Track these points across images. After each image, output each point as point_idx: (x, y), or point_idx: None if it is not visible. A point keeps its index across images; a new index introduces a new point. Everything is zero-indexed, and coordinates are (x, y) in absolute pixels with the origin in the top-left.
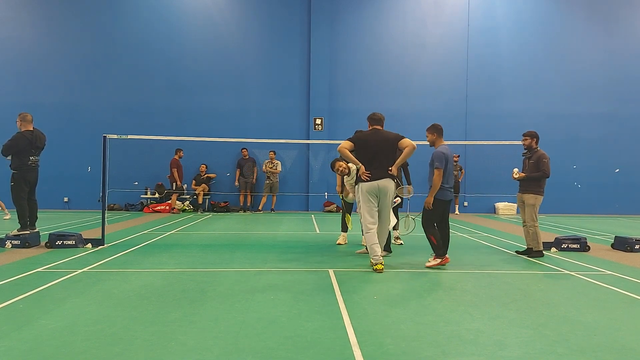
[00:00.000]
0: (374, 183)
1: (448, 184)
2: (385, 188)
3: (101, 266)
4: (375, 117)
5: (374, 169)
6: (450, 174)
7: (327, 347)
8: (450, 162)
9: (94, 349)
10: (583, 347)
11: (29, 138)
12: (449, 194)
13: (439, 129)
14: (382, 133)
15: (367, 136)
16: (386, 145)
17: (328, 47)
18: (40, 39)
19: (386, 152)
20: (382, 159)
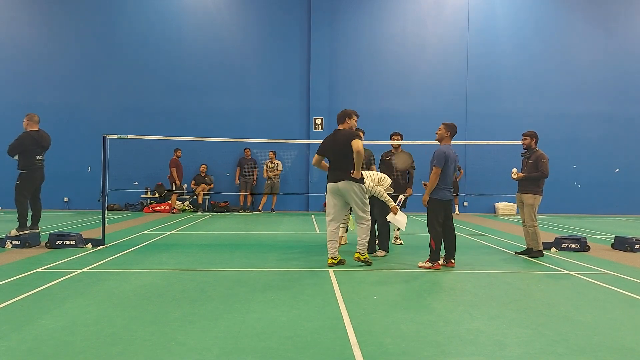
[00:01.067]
0: (335, 184)
1: (446, 184)
2: (345, 190)
3: (101, 266)
4: (338, 116)
5: (333, 170)
6: (449, 174)
7: (327, 347)
8: (451, 162)
9: (94, 349)
10: (583, 347)
11: (35, 137)
12: (447, 194)
13: (454, 129)
14: (339, 134)
15: (327, 139)
16: (341, 146)
17: (328, 47)
18: (40, 39)
19: (343, 152)
20: (341, 159)
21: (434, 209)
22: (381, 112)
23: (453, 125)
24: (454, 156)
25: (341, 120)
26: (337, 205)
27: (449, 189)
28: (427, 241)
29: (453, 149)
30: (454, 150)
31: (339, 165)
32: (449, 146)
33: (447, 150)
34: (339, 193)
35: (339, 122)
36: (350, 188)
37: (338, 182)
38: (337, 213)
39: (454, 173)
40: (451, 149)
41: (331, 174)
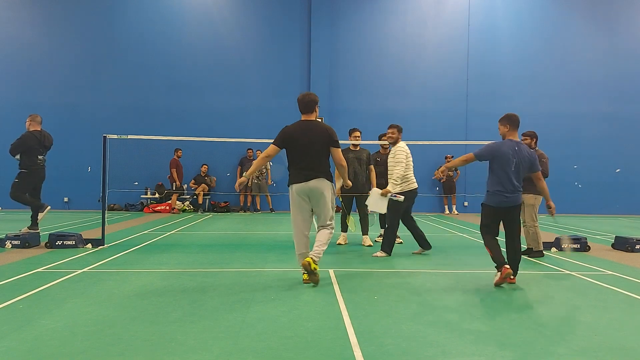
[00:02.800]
0: (304, 184)
1: (499, 187)
2: (317, 189)
3: (101, 266)
4: (304, 102)
5: (300, 169)
6: (504, 175)
7: (328, 348)
8: (506, 161)
9: (94, 349)
10: (583, 347)
11: (37, 137)
12: (501, 199)
13: (513, 120)
14: (313, 127)
15: (292, 130)
16: (315, 143)
17: (328, 46)
18: (40, 39)
19: (317, 150)
20: (312, 156)
21: (483, 215)
22: (382, 111)
23: (510, 116)
24: (515, 154)
25: (309, 108)
26: (304, 210)
27: (504, 194)
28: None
29: (522, 146)
30: (520, 148)
31: (310, 164)
32: (509, 142)
33: (499, 146)
34: (308, 194)
35: (306, 109)
36: (324, 188)
37: (309, 180)
38: (306, 221)
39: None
40: (514, 145)
41: (297, 173)
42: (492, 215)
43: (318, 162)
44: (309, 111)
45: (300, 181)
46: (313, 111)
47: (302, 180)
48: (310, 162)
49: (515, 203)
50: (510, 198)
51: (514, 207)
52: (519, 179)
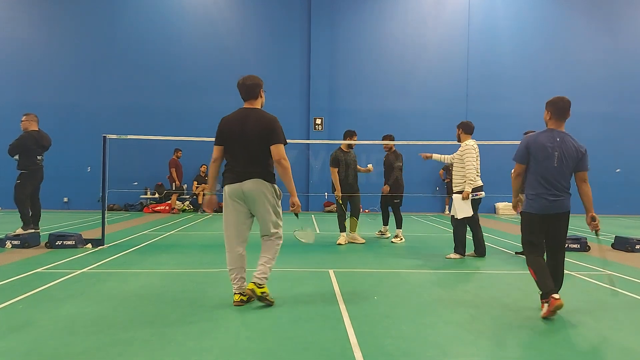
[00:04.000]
0: (237, 186)
1: (539, 189)
2: (252, 192)
3: (101, 266)
4: (245, 85)
5: (237, 166)
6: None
7: (327, 348)
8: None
9: (93, 350)
10: (583, 348)
11: (36, 137)
12: (543, 203)
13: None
14: (252, 114)
15: (227, 121)
16: (254, 132)
17: (328, 46)
18: (40, 39)
19: (254, 140)
20: (249, 150)
21: (523, 226)
22: (382, 111)
23: (555, 101)
24: (556, 146)
25: (252, 93)
26: (240, 215)
27: (546, 197)
28: (425, 241)
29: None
30: (563, 139)
31: (245, 161)
32: (549, 132)
33: (534, 137)
34: (242, 198)
35: (247, 94)
36: (261, 190)
37: (243, 181)
38: (241, 230)
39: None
40: (554, 135)
41: (230, 172)
42: (534, 225)
43: (254, 158)
44: (251, 97)
45: (233, 182)
46: (257, 97)
47: (235, 180)
48: (246, 158)
49: (561, 209)
50: (556, 203)
51: (560, 214)
52: (565, 177)
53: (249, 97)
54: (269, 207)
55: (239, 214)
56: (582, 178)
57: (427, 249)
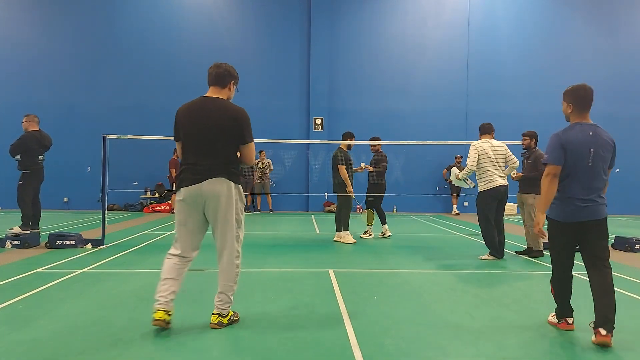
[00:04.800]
0: (196, 187)
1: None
2: (215, 193)
3: (101, 266)
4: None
5: (195, 164)
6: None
7: (327, 348)
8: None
9: (93, 350)
10: (583, 348)
11: (37, 137)
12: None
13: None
14: (216, 104)
15: (184, 111)
16: (218, 125)
17: (328, 46)
18: (40, 39)
19: (217, 133)
20: (210, 144)
21: (550, 237)
22: (382, 111)
23: (576, 90)
24: (591, 142)
25: (221, 80)
26: (193, 221)
27: (578, 202)
28: (423, 241)
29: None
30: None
31: (206, 156)
32: (579, 126)
33: (566, 134)
34: (201, 202)
35: (216, 81)
36: (225, 192)
37: (202, 181)
38: (190, 235)
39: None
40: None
41: (186, 172)
42: (563, 234)
43: (218, 155)
44: (219, 84)
45: (191, 183)
46: (224, 87)
47: (193, 182)
48: (207, 154)
49: (596, 215)
50: (589, 208)
51: (595, 222)
52: (600, 177)
53: (217, 83)
54: (232, 212)
55: (193, 220)
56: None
57: (427, 249)
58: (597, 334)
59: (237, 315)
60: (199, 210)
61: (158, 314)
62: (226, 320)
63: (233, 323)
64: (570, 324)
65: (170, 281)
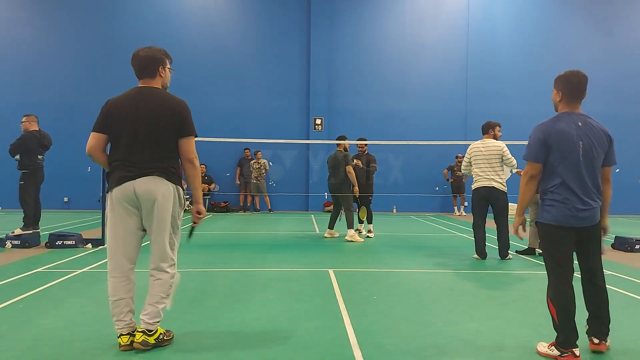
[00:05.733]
0: (129, 185)
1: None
2: (150, 193)
3: (101, 266)
4: (139, 59)
5: (127, 162)
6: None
7: (327, 347)
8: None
9: (94, 349)
10: (583, 348)
11: (37, 137)
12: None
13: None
14: (151, 94)
15: (117, 103)
16: (154, 117)
17: (328, 47)
18: (40, 39)
19: (158, 129)
20: (145, 139)
21: (547, 246)
22: (381, 111)
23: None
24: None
25: (148, 69)
26: (130, 228)
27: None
28: (423, 240)
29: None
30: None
31: (141, 152)
32: (568, 115)
33: (553, 124)
34: (135, 202)
35: (143, 71)
36: (161, 192)
37: (135, 179)
38: (128, 244)
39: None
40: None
41: (118, 169)
42: (556, 239)
43: (154, 151)
44: (147, 74)
45: (122, 181)
46: (155, 75)
47: (125, 179)
48: (141, 150)
49: (592, 221)
50: (588, 212)
51: (594, 227)
52: (595, 175)
53: (144, 74)
54: (167, 217)
55: (127, 225)
56: (607, 176)
57: (427, 249)
58: (592, 343)
59: (169, 334)
60: (134, 213)
61: (123, 339)
62: (153, 339)
63: (162, 344)
64: (577, 357)
65: (122, 302)
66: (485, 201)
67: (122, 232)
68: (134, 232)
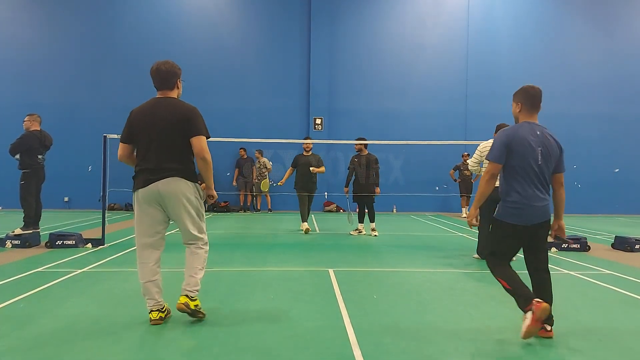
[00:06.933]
0: (152, 187)
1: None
2: (172, 193)
3: (101, 266)
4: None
5: (149, 165)
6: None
7: (327, 347)
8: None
9: (94, 349)
10: (583, 347)
11: (38, 137)
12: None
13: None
14: (166, 104)
15: (136, 113)
16: (168, 124)
17: (328, 46)
18: (40, 39)
19: (169, 133)
20: (163, 145)
21: (494, 236)
22: (381, 112)
23: (526, 90)
24: (539, 141)
25: (167, 82)
26: (155, 223)
27: (530, 202)
28: (423, 239)
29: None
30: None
31: (160, 156)
32: (528, 124)
33: (514, 131)
34: (159, 201)
35: (162, 84)
36: (181, 191)
37: (158, 181)
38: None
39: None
40: (534, 129)
41: (142, 173)
42: (510, 236)
43: (171, 154)
44: (165, 86)
45: (146, 184)
46: (173, 87)
47: (148, 182)
48: (160, 154)
49: (547, 216)
50: (543, 209)
51: (544, 223)
52: (548, 177)
53: (164, 86)
54: (191, 209)
55: (152, 218)
56: (561, 181)
57: (427, 249)
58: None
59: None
60: (157, 209)
61: (153, 314)
62: (193, 305)
63: (197, 315)
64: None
65: (150, 284)
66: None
67: (147, 225)
68: (158, 224)
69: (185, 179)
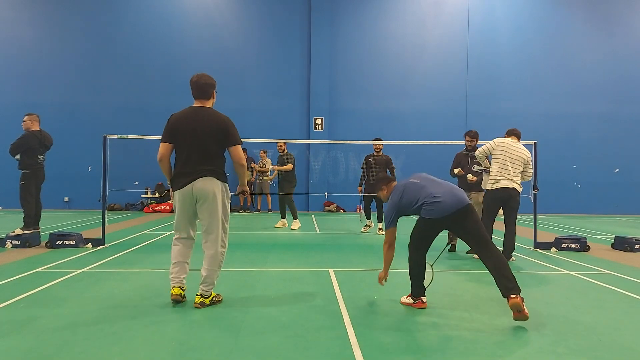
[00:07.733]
0: (188, 187)
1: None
2: (203, 190)
3: (101, 266)
4: (199, 84)
5: (186, 167)
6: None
7: (327, 347)
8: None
9: (95, 349)
10: (582, 347)
11: (38, 137)
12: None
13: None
14: (204, 113)
15: (177, 119)
16: (206, 132)
17: (328, 47)
18: (40, 39)
19: (206, 140)
20: (200, 150)
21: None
22: (381, 112)
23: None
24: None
25: (205, 92)
26: (188, 213)
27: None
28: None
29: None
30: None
31: (197, 159)
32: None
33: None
34: (192, 198)
35: (200, 94)
36: (212, 188)
37: (194, 181)
38: (188, 224)
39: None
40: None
41: (180, 174)
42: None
43: (206, 157)
44: (203, 96)
45: (184, 185)
46: (210, 97)
47: (185, 183)
48: (197, 158)
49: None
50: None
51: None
52: None
53: (201, 96)
54: (218, 206)
55: (187, 211)
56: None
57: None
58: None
59: (219, 297)
60: (193, 203)
61: (174, 290)
62: (208, 300)
63: (216, 303)
64: (424, 302)
65: (179, 264)
66: (500, 203)
67: (182, 216)
68: (192, 217)
69: (217, 179)
